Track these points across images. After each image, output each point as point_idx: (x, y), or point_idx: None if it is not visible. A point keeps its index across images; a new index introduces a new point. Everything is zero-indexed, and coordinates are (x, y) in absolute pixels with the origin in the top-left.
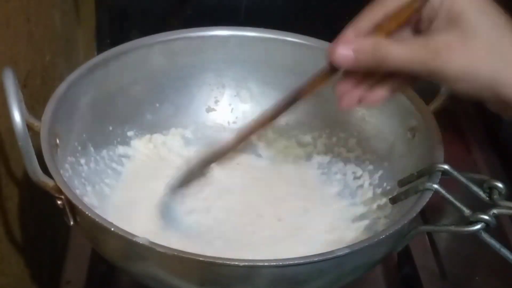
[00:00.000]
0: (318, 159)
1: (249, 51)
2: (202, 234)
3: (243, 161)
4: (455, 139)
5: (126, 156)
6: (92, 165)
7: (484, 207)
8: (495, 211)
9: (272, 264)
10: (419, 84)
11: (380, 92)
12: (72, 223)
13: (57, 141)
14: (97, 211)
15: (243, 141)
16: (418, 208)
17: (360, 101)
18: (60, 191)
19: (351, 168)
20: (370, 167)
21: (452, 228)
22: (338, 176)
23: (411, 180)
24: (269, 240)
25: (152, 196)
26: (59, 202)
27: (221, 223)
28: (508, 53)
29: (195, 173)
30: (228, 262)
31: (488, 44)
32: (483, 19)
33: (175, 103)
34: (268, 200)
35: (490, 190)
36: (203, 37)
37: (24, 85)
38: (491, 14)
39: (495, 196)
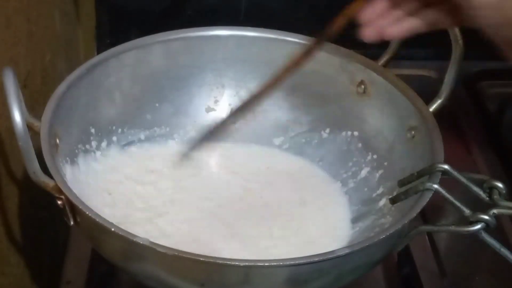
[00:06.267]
0: (318, 159)
1: (249, 51)
2: (198, 231)
3: (241, 158)
4: (455, 139)
5: (126, 155)
6: (92, 164)
7: (484, 207)
8: (495, 211)
9: (272, 264)
10: (420, 84)
11: (407, 24)
12: (72, 223)
13: (57, 141)
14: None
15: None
16: (418, 208)
17: (384, 32)
18: (60, 191)
19: (351, 168)
20: (370, 167)
21: (452, 228)
22: (338, 176)
23: (411, 180)
24: (267, 240)
25: (151, 195)
26: (59, 202)
27: (218, 220)
28: None
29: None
30: (228, 262)
31: None
32: None
33: (174, 103)
34: (267, 200)
35: (490, 190)
36: (203, 37)
37: (24, 85)
38: None
39: (495, 196)
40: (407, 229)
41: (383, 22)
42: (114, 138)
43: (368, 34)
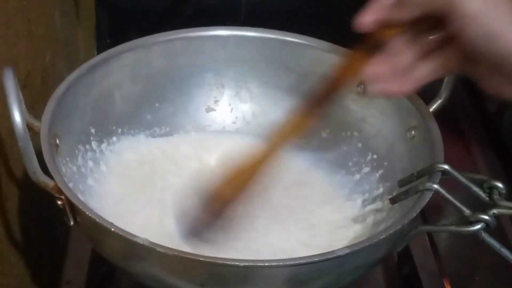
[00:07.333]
0: (318, 159)
1: (249, 51)
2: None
3: (241, 158)
4: (455, 139)
5: (126, 156)
6: (92, 164)
7: (484, 207)
8: (495, 211)
9: (272, 264)
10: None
11: (411, 78)
12: (72, 223)
13: (57, 141)
14: (96, 210)
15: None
16: (418, 208)
17: (389, 91)
18: (60, 191)
19: (350, 168)
20: (370, 167)
21: (452, 228)
22: (338, 176)
23: (411, 180)
24: (267, 240)
25: (151, 195)
26: (59, 202)
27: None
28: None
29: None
30: (228, 262)
31: None
32: None
33: (174, 103)
34: (266, 200)
35: (490, 190)
36: (203, 37)
37: (24, 85)
38: None
39: (495, 196)
40: (407, 229)
41: (388, 78)
42: (114, 138)
43: (376, 92)
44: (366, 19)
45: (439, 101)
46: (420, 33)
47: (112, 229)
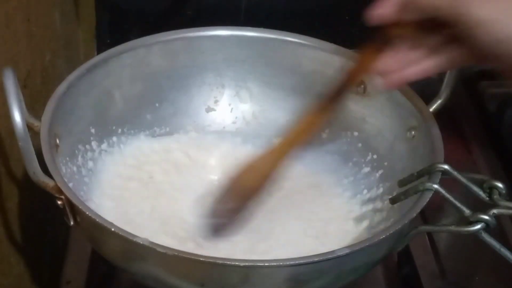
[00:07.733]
0: (317, 159)
1: (249, 51)
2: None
3: (241, 159)
4: (455, 139)
5: (126, 156)
6: (92, 164)
7: (484, 207)
8: (495, 211)
9: (272, 264)
10: (420, 84)
11: (425, 64)
12: (72, 223)
13: (57, 141)
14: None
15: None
16: (418, 208)
17: (403, 79)
18: (60, 191)
19: (351, 168)
20: (370, 167)
21: (452, 228)
22: (338, 176)
23: (411, 180)
24: (267, 240)
25: (151, 195)
26: (59, 202)
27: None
28: None
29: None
30: (228, 262)
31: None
32: None
33: (174, 103)
34: (265, 201)
35: (490, 190)
36: (203, 37)
37: (24, 85)
38: None
39: (495, 196)
40: (407, 229)
41: (402, 68)
42: (114, 138)
43: (389, 85)
44: (379, 12)
45: (439, 101)
46: (428, 31)
47: (112, 229)
